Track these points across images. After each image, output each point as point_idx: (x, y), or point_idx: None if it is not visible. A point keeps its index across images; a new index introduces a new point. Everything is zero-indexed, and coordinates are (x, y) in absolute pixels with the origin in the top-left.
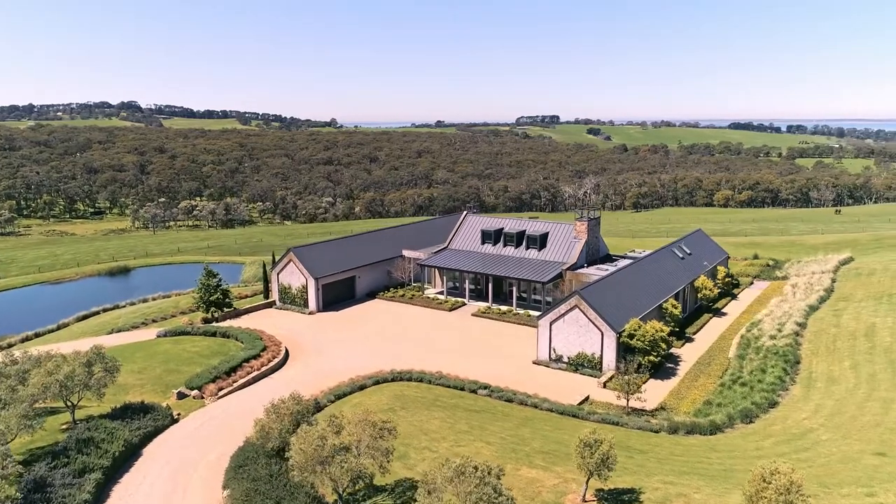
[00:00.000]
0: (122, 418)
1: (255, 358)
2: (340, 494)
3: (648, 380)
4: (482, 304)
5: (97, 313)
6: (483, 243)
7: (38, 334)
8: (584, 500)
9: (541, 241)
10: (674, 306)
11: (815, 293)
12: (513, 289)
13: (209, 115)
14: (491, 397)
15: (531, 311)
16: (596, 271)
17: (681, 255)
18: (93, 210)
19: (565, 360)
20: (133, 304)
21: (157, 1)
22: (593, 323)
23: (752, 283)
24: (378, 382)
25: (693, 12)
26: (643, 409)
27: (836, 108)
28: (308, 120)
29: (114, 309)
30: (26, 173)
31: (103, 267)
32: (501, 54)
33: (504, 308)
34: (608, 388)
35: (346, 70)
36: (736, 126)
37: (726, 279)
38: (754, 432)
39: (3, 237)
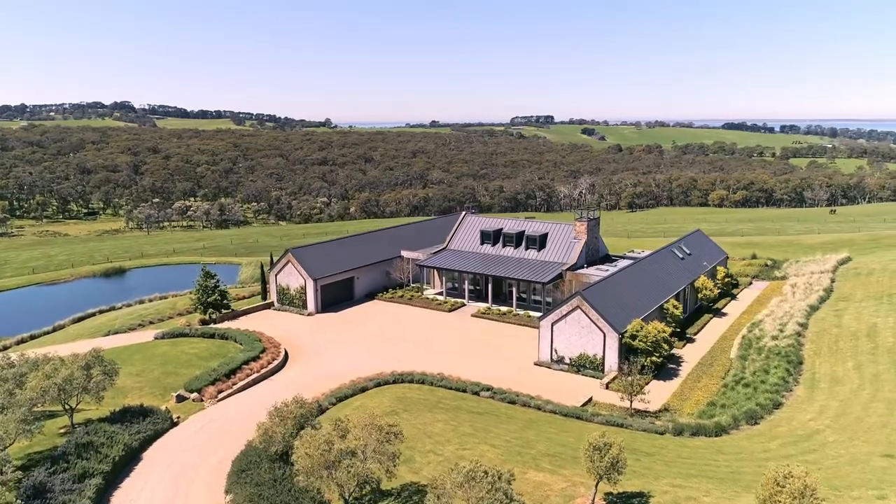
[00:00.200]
0: (121, 422)
1: (254, 360)
2: (346, 500)
3: (651, 381)
4: (482, 305)
5: (93, 315)
6: (482, 244)
7: (33, 336)
8: None
9: (540, 242)
10: (675, 307)
11: (815, 293)
12: (512, 289)
13: (203, 115)
14: (494, 399)
15: (531, 312)
16: (596, 272)
17: (681, 256)
18: (86, 210)
19: (567, 361)
20: (129, 305)
21: (150, 1)
22: (595, 324)
23: (751, 283)
24: (379, 384)
25: (687, 13)
26: (646, 411)
27: (828, 109)
28: (302, 120)
29: (110, 310)
30: (19, 174)
31: (98, 268)
32: (496, 54)
33: (504, 309)
34: (611, 389)
35: (341, 70)
36: (729, 126)
37: (726, 279)
38: (760, 434)
39: None
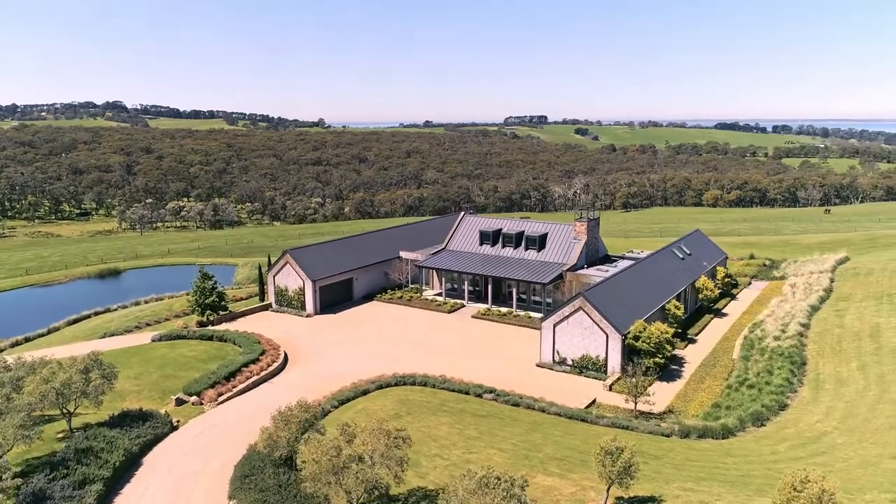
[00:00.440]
0: (120, 426)
1: (254, 362)
2: None
3: (654, 382)
4: (482, 306)
5: (88, 317)
6: (481, 244)
7: (28, 339)
8: None
9: (540, 242)
10: (676, 307)
11: (815, 293)
12: (512, 290)
13: (196, 115)
14: (497, 401)
15: (531, 313)
16: (596, 272)
17: (681, 256)
18: (79, 211)
19: (569, 362)
20: (125, 307)
21: (142, 1)
22: (598, 325)
23: (750, 283)
24: (381, 387)
25: (681, 15)
26: (651, 413)
27: (820, 109)
28: (296, 120)
29: (105, 312)
30: (10, 174)
31: (92, 269)
32: (490, 55)
33: (504, 310)
34: (614, 390)
35: (334, 70)
36: (722, 126)
37: (726, 279)
38: (767, 436)
39: None
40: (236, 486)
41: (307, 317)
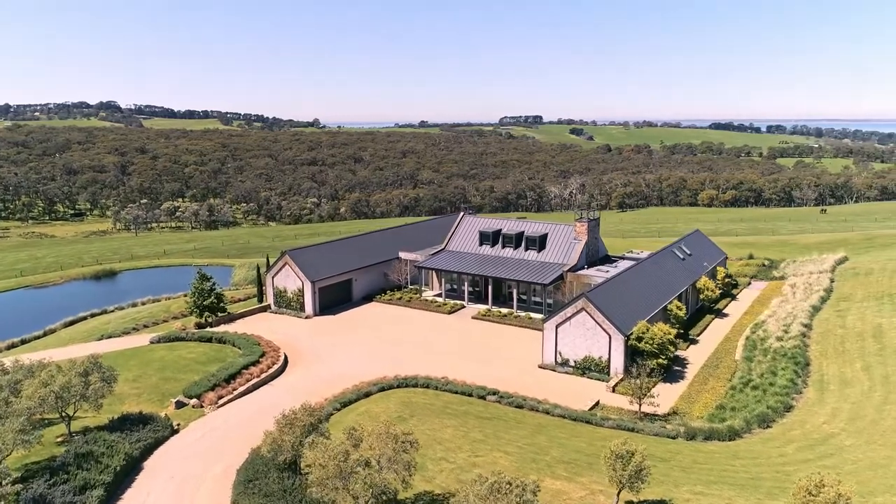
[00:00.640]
0: (120, 430)
1: (254, 364)
2: None
3: (658, 383)
4: (482, 307)
5: (84, 318)
6: (481, 244)
7: (24, 341)
8: None
9: (540, 243)
10: (678, 308)
11: (816, 293)
12: (513, 291)
13: (190, 115)
14: (501, 403)
15: (532, 314)
16: (596, 273)
17: (681, 256)
18: (73, 211)
19: (571, 363)
20: (122, 308)
21: (136, 1)
22: (601, 326)
23: (750, 283)
24: (383, 389)
25: (675, 16)
26: (655, 414)
27: (813, 109)
28: (290, 120)
29: (102, 314)
30: (4, 174)
31: (88, 270)
32: (485, 55)
33: (504, 310)
34: (617, 392)
35: (329, 71)
36: (716, 126)
37: (726, 280)
38: (773, 438)
39: None
40: (240, 490)
41: (306, 318)
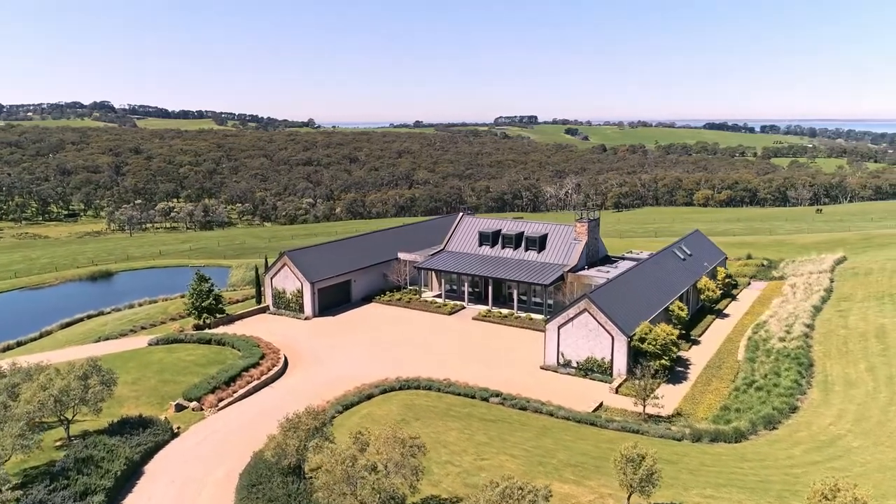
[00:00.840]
0: (120, 434)
1: (254, 366)
2: None
3: (661, 384)
4: (482, 308)
5: (81, 320)
6: (481, 245)
7: (20, 343)
8: None
9: (540, 243)
10: (680, 308)
11: (816, 293)
12: (513, 292)
13: (184, 115)
14: (504, 405)
15: (532, 315)
16: (597, 273)
17: (682, 257)
18: (67, 212)
19: (574, 365)
20: (119, 310)
21: (129, 1)
22: (603, 327)
23: (749, 283)
24: (385, 391)
25: (670, 17)
26: (659, 416)
27: (807, 109)
28: (285, 120)
29: (98, 315)
30: None
31: (83, 271)
32: (480, 55)
33: (505, 311)
34: (620, 393)
35: (324, 71)
36: (711, 126)
37: (726, 280)
38: (780, 439)
39: None
40: (243, 495)
41: (306, 319)
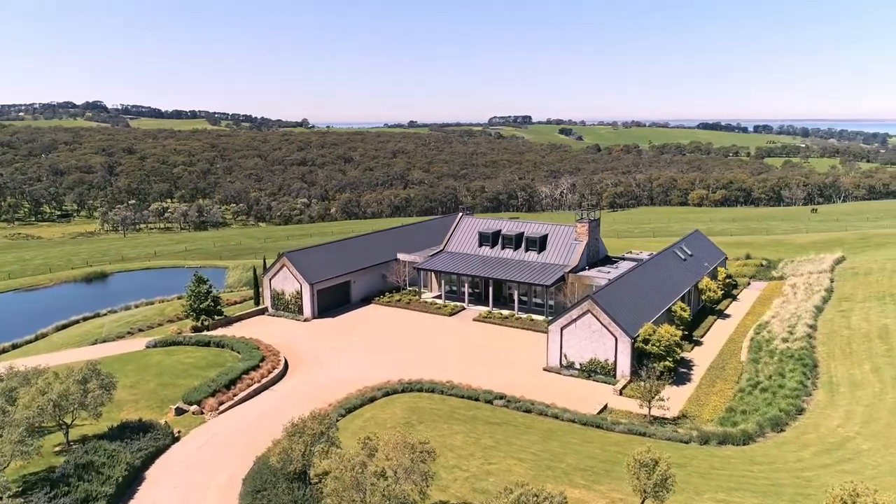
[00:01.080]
0: (120, 438)
1: (254, 369)
2: None
3: (666, 386)
4: (482, 309)
5: (77, 322)
6: (480, 245)
7: (15, 345)
8: None
9: (540, 243)
10: (682, 309)
11: (817, 294)
12: (513, 292)
13: (177, 115)
14: (508, 408)
15: (533, 316)
16: (597, 273)
17: (683, 257)
18: (60, 212)
19: (577, 366)
20: (115, 311)
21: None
22: (607, 328)
23: (749, 283)
24: (388, 394)
25: (664, 17)
26: (664, 418)
27: (800, 109)
28: (279, 120)
29: (94, 317)
30: None
31: (78, 272)
32: (475, 55)
33: (505, 312)
34: (624, 395)
35: (318, 71)
36: (704, 126)
37: (727, 280)
38: (788, 442)
39: None
40: (247, 501)
41: (305, 321)
